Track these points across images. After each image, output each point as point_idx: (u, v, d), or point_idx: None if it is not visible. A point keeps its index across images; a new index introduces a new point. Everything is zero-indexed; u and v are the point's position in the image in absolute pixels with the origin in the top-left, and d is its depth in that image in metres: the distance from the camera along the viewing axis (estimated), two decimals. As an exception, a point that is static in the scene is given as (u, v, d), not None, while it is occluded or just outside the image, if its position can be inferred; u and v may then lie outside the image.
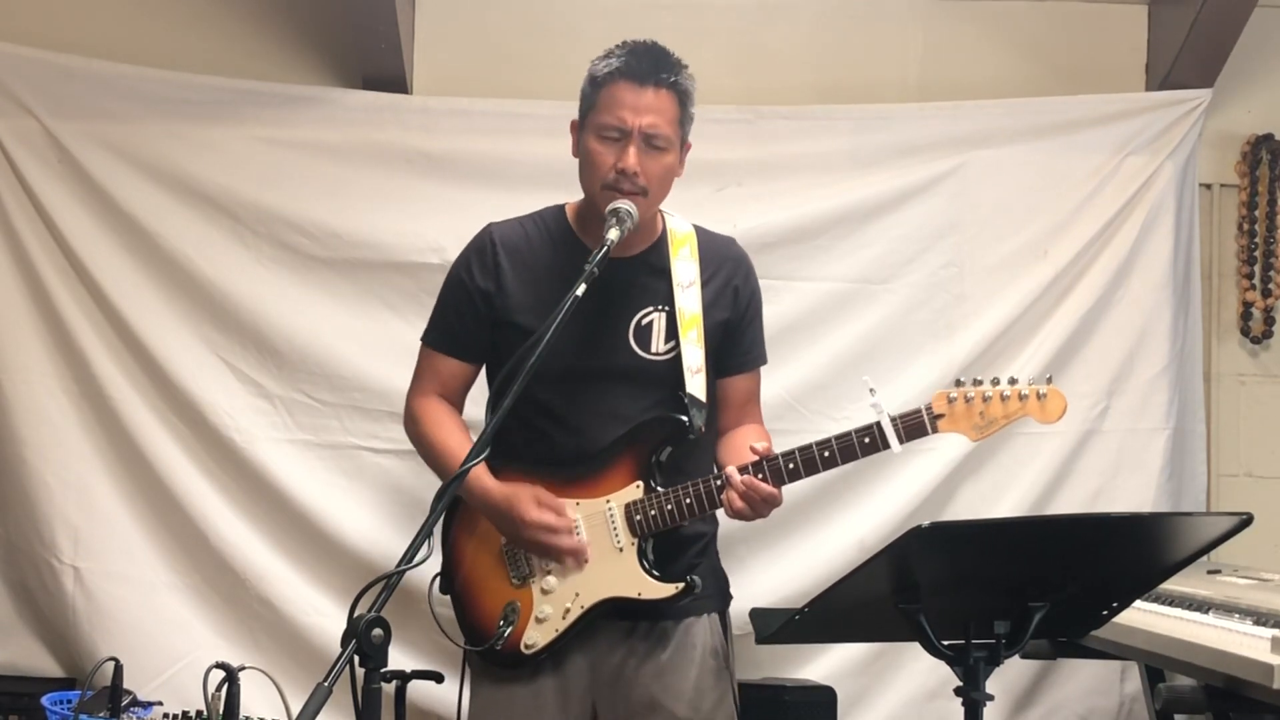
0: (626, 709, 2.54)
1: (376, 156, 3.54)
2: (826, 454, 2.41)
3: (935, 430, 2.42)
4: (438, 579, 2.61)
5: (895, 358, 3.56)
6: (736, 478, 2.41)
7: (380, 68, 3.61)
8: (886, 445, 2.40)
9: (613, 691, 2.55)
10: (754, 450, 2.43)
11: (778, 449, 2.46)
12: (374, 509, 3.45)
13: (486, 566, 2.56)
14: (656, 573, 2.48)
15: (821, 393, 3.52)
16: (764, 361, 2.73)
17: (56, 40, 3.59)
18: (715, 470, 2.58)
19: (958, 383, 2.42)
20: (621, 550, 2.48)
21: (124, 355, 3.48)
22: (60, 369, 3.49)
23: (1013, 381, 2.42)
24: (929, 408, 2.41)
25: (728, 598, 2.70)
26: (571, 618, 2.50)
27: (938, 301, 3.59)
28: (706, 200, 3.51)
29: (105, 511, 3.45)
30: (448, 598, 2.62)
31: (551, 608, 2.50)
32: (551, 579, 2.51)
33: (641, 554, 2.48)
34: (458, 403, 2.69)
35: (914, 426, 2.41)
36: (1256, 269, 3.80)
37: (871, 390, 2.39)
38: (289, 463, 3.47)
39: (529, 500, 2.46)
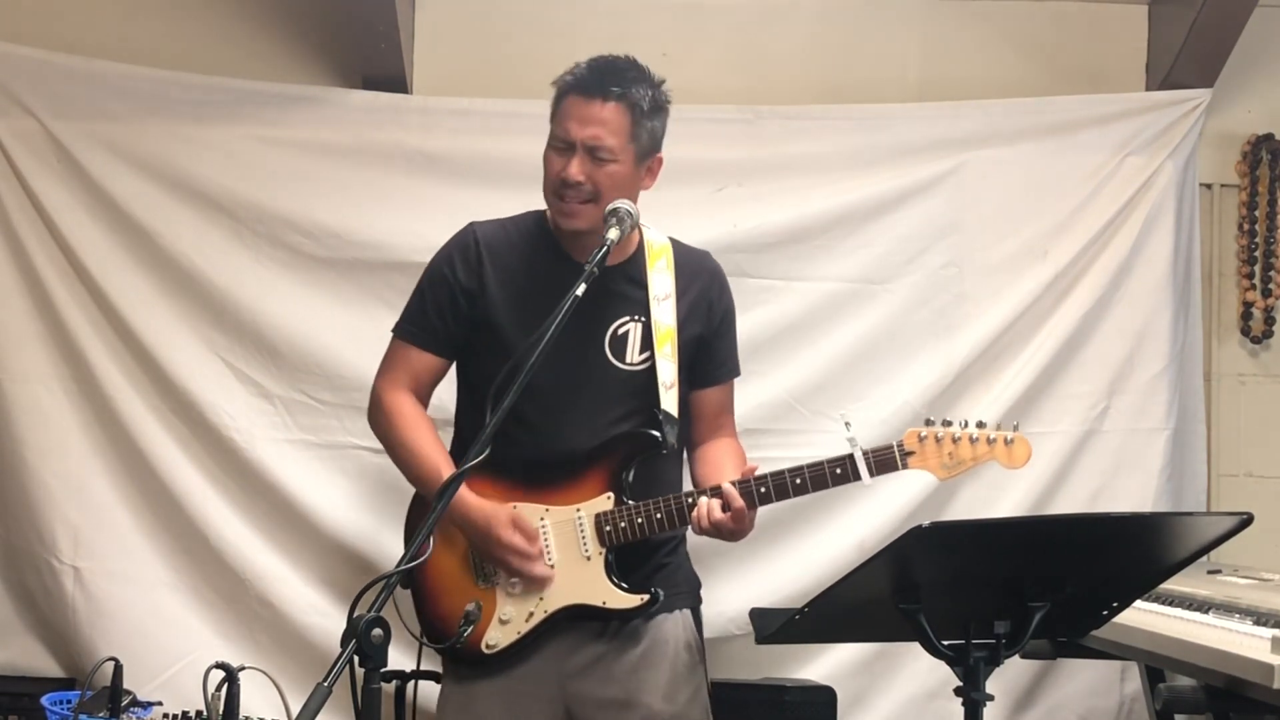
0: (600, 706, 2.55)
1: (376, 156, 3.54)
2: (798, 481, 2.47)
3: (905, 466, 2.48)
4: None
5: (895, 358, 3.56)
6: (702, 504, 2.45)
7: (380, 68, 3.61)
8: (858, 477, 2.47)
9: (585, 689, 2.56)
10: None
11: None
12: (374, 509, 3.45)
13: (451, 565, 2.56)
14: (624, 584, 2.50)
15: (821, 393, 3.52)
16: (737, 374, 2.77)
17: (56, 40, 3.59)
18: (689, 483, 2.62)
19: (928, 422, 2.49)
20: (589, 559, 2.51)
21: (124, 355, 3.48)
22: (60, 369, 3.49)
23: (980, 425, 2.49)
24: (900, 444, 2.48)
25: (699, 596, 2.73)
26: (535, 621, 2.52)
27: (938, 301, 3.59)
28: (706, 200, 3.51)
29: (105, 511, 3.45)
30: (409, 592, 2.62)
31: (515, 610, 2.52)
32: (517, 582, 2.53)
33: (608, 564, 2.51)
34: (425, 397, 2.70)
35: (885, 461, 2.48)
36: (1256, 269, 3.80)
37: (847, 424, 2.48)
38: (289, 463, 3.48)
39: (506, 523, 2.48)
